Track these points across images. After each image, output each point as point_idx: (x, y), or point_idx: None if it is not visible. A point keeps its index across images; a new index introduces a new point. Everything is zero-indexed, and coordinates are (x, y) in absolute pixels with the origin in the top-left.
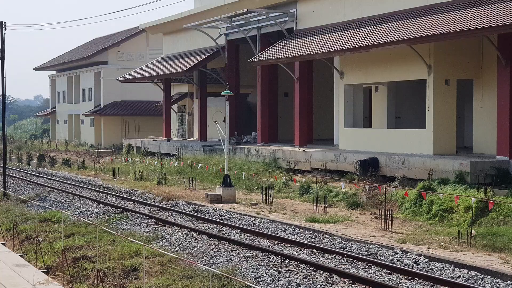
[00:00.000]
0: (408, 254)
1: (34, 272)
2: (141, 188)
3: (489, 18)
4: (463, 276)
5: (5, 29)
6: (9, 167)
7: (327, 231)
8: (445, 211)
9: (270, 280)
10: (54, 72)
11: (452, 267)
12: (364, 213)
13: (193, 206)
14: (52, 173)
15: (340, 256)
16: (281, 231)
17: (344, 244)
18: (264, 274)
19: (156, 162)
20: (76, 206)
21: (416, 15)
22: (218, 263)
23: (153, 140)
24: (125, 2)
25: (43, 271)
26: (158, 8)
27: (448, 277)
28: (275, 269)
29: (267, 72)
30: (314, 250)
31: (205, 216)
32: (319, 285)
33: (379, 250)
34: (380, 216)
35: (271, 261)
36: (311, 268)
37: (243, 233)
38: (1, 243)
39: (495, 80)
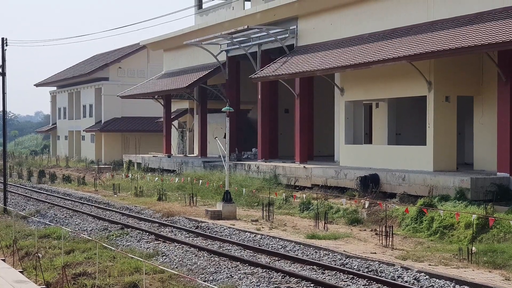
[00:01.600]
0: (409, 270)
1: None
2: (141, 204)
3: (489, 35)
4: None
5: (6, 45)
6: (10, 183)
7: (328, 247)
8: (446, 228)
9: None
10: (54, 88)
11: (453, 284)
12: (365, 230)
13: (194, 222)
14: (52, 189)
15: (341, 273)
16: (281, 248)
17: (345, 260)
18: None
19: (157, 178)
20: (76, 222)
21: (416, 32)
22: (218, 280)
23: (153, 156)
24: (126, 18)
25: None
26: (159, 24)
27: None
28: (276, 285)
29: (267, 88)
30: (315, 267)
31: (205, 232)
32: None
33: (379, 267)
34: (380, 233)
35: (272, 278)
36: (312, 284)
37: (243, 250)
38: (1, 259)
39: (495, 96)
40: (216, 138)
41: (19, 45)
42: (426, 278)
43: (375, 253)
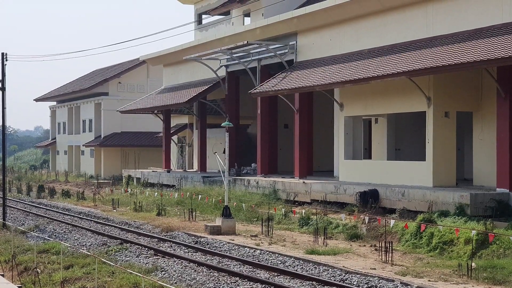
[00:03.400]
0: (409, 286)
1: None
2: (140, 219)
3: (488, 50)
4: None
5: (6, 60)
6: (9, 198)
7: (327, 263)
8: (445, 244)
9: None
10: (54, 103)
11: None
12: (364, 245)
13: (193, 237)
14: (51, 204)
15: None
16: (280, 263)
17: (344, 276)
18: None
19: (156, 193)
20: (75, 237)
21: (416, 47)
22: None
23: (153, 171)
24: (126, 34)
25: None
26: (159, 40)
27: None
28: None
29: (267, 103)
30: (314, 282)
31: (204, 247)
32: None
33: (379, 283)
34: (380, 248)
35: None
36: None
37: (242, 265)
38: (0, 274)
39: (494, 112)
40: (216, 153)
41: (19, 60)
42: None
43: (375, 268)
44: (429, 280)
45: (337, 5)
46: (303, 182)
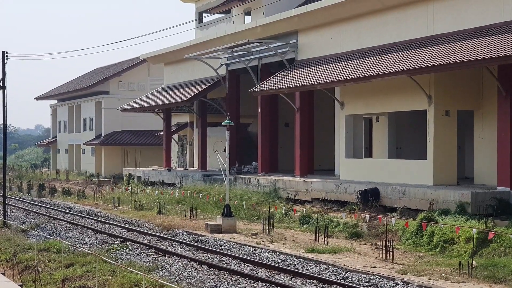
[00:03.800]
0: (409, 285)
1: None
2: (141, 218)
3: (489, 49)
4: None
5: (7, 58)
6: (10, 196)
7: (328, 261)
8: (446, 242)
9: None
10: (55, 101)
11: None
12: (365, 244)
13: (193, 236)
14: (52, 202)
15: (341, 287)
16: (281, 262)
17: (345, 275)
18: None
19: (157, 191)
20: (76, 236)
21: (416, 46)
22: None
23: (153, 169)
24: (126, 34)
25: None
26: (160, 38)
27: None
28: None
29: (267, 102)
30: (315, 281)
31: (205, 246)
32: None
33: (380, 281)
34: (381, 247)
35: None
36: None
37: (243, 263)
38: (1, 273)
39: (495, 111)
40: (216, 152)
41: (20, 58)
42: None
43: (375, 267)
44: (429, 279)
45: (338, 3)
46: (304, 180)
